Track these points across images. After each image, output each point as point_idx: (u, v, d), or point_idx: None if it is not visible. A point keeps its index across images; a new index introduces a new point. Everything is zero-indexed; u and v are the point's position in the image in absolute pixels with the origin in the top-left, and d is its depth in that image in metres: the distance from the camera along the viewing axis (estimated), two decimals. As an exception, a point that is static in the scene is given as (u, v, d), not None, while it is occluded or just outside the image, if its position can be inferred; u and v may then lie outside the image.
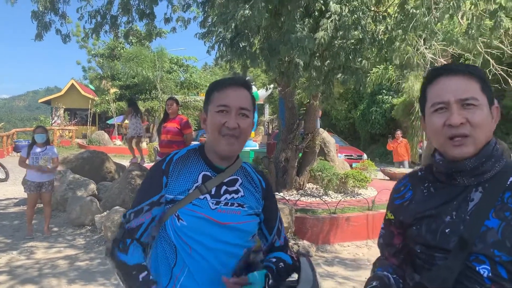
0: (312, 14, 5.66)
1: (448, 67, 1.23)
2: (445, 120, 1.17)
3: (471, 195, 1.18)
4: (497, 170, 1.19)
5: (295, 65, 5.49)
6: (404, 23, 5.22)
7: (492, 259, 1.09)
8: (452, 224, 1.16)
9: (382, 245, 1.45)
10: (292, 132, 7.54)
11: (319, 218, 6.27)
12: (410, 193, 1.32)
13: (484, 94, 1.19)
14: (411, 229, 1.27)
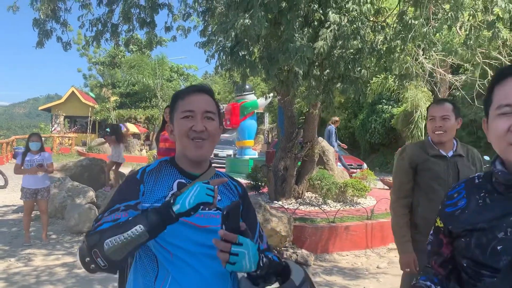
0: (312, 24, 5.70)
1: None
2: (510, 125, 1.06)
3: None
4: None
5: (294, 74, 5.52)
6: (403, 34, 5.26)
7: None
8: (505, 241, 1.07)
9: (429, 253, 1.33)
10: (291, 140, 7.55)
11: (317, 227, 6.26)
12: (464, 201, 1.22)
13: None
14: (459, 240, 1.18)
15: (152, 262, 1.42)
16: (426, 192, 2.73)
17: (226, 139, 20.75)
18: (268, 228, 5.34)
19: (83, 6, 6.38)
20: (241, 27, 4.55)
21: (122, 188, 1.49)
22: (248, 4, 4.77)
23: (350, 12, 5.45)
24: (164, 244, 1.40)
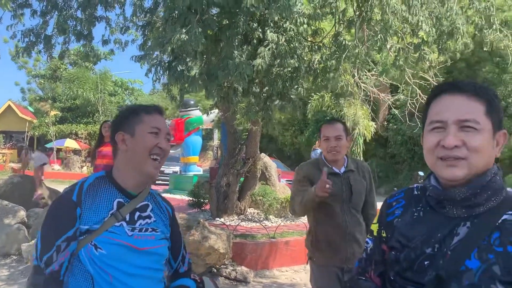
0: (251, 42, 5.79)
1: (453, 84, 1.13)
2: (439, 140, 1.08)
3: (458, 229, 1.07)
4: (491, 205, 1.07)
5: (234, 91, 5.56)
6: (337, 54, 5.47)
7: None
8: (432, 257, 1.08)
9: (366, 261, 1.28)
10: (233, 157, 7.55)
11: (258, 243, 6.26)
12: (400, 210, 1.22)
13: (488, 117, 1.07)
14: (390, 253, 1.18)
15: (87, 281, 1.38)
16: (324, 209, 2.81)
17: (172, 155, 20.41)
18: (206, 245, 5.26)
19: (14, 16, 6.10)
20: (178, 42, 4.53)
21: (56, 216, 1.41)
22: (186, 20, 4.77)
23: (288, 32, 5.61)
24: (104, 266, 1.38)
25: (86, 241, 1.38)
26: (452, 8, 4.70)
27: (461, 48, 4.96)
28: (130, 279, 1.40)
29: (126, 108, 1.61)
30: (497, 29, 4.80)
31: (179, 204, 9.72)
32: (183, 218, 5.51)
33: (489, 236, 1.02)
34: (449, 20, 4.65)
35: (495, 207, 1.06)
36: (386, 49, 5.12)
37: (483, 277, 0.98)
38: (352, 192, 2.83)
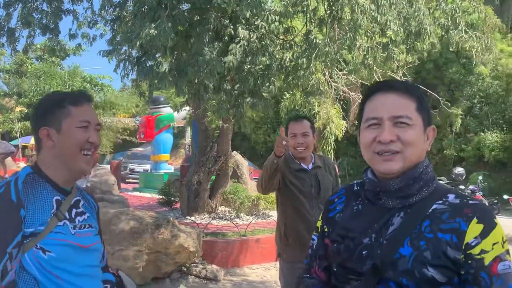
0: (222, 39, 5.75)
1: (386, 84, 1.21)
2: (375, 136, 1.14)
3: (393, 219, 1.14)
4: (423, 195, 1.14)
5: (204, 87, 5.50)
6: (308, 52, 5.49)
7: (400, 286, 1.07)
8: (369, 247, 1.14)
9: (312, 257, 1.34)
10: (205, 154, 7.50)
11: (229, 241, 6.24)
12: (341, 206, 1.28)
13: (419, 113, 1.15)
14: (333, 245, 1.24)
15: (32, 286, 1.30)
16: (293, 205, 2.86)
17: (142, 153, 20.09)
18: (175, 244, 5.19)
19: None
20: (147, 37, 4.44)
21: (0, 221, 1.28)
22: (155, 15, 4.68)
23: (259, 29, 5.60)
24: (53, 270, 1.31)
25: (30, 245, 1.29)
26: (420, 8, 4.80)
27: (428, 48, 5.08)
28: (78, 279, 1.36)
29: (49, 98, 1.48)
30: (462, 30, 4.94)
31: (149, 202, 9.59)
32: (152, 217, 5.42)
33: (420, 225, 1.09)
34: (416, 20, 4.75)
35: (426, 197, 1.13)
36: (356, 48, 5.17)
37: (415, 262, 1.05)
38: (320, 187, 2.88)
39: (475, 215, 1.07)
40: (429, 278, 1.04)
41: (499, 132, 18.01)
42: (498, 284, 1.03)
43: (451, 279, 1.05)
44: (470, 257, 1.04)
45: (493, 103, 18.73)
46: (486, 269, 1.04)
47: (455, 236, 1.06)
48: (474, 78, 18.91)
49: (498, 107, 18.58)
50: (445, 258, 1.05)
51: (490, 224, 1.07)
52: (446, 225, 1.08)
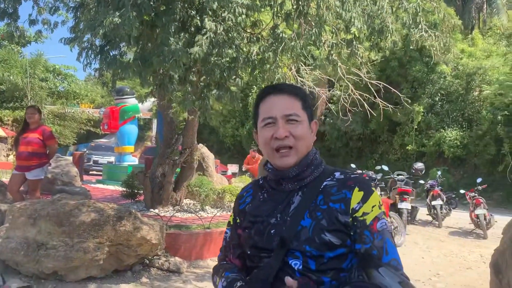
0: (188, 29, 5.69)
1: (276, 87, 1.39)
2: (272, 133, 1.31)
3: (293, 198, 1.32)
4: (315, 175, 1.34)
5: (169, 78, 5.44)
6: (275, 46, 5.52)
7: (304, 254, 1.22)
8: (276, 225, 1.29)
9: (225, 248, 1.49)
10: (170, 146, 7.42)
11: (192, 234, 6.22)
12: (250, 198, 1.45)
13: (304, 111, 1.35)
14: (245, 232, 1.37)
15: None
16: None
17: (106, 144, 19.65)
18: (137, 236, 5.13)
19: None
20: (110, 25, 4.34)
21: None
22: (120, 3, 4.58)
23: (226, 22, 5.57)
24: None
25: None
26: (383, 6, 4.91)
27: (390, 46, 5.21)
28: None
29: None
30: (422, 29, 5.09)
31: (113, 195, 9.42)
32: (113, 209, 5.33)
33: (315, 199, 1.29)
34: (380, 18, 4.85)
35: (318, 177, 1.34)
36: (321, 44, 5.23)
37: (315, 230, 1.23)
38: None
39: (356, 185, 1.29)
40: (327, 242, 1.22)
41: (459, 129, 18.72)
42: (378, 239, 1.23)
43: (344, 241, 1.24)
44: (355, 219, 1.25)
45: (454, 101, 19.44)
46: (368, 227, 1.24)
47: (343, 204, 1.26)
48: (436, 76, 19.55)
49: (458, 105, 19.29)
50: (338, 223, 1.24)
51: (368, 191, 1.29)
52: (336, 196, 1.28)
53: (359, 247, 1.23)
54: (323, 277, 1.22)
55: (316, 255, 1.21)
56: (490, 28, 23.65)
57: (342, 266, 1.24)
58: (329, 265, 1.22)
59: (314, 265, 1.22)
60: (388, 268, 1.16)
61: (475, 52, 20.21)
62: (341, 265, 1.24)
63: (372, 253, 1.21)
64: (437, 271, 6.18)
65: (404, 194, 8.97)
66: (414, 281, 5.58)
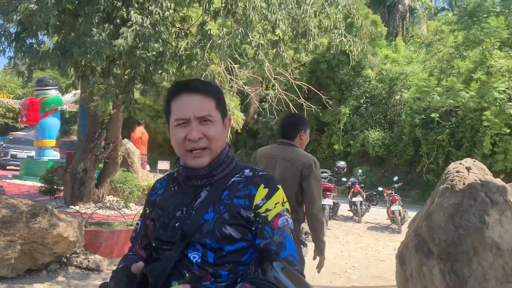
0: (114, 21, 5.54)
1: (189, 85, 1.35)
2: (185, 135, 1.29)
3: (201, 193, 1.33)
4: (225, 173, 1.35)
5: (91, 70, 5.26)
6: (202, 43, 5.54)
7: (204, 246, 1.24)
8: (181, 219, 1.29)
9: (134, 239, 1.46)
10: (93, 141, 7.15)
11: (114, 231, 6.07)
12: (162, 190, 1.43)
13: (218, 109, 1.34)
14: (152, 223, 1.36)
15: None
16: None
17: (26, 138, 18.42)
18: (54, 233, 4.91)
19: None
20: (26, 11, 4.12)
21: None
22: (37, -12, 4.36)
23: (153, 15, 5.49)
24: None
25: None
26: (307, 10, 5.11)
27: (312, 49, 5.44)
28: None
29: None
30: (342, 34, 5.38)
31: (30, 191, 8.90)
32: (28, 205, 5.05)
33: (221, 194, 1.31)
34: (303, 21, 5.05)
35: (228, 174, 1.36)
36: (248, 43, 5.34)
37: (216, 223, 1.25)
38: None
39: (262, 182, 1.32)
40: (227, 236, 1.24)
41: (381, 130, 19.86)
42: (278, 235, 1.27)
43: (245, 236, 1.27)
44: (258, 215, 1.28)
45: (377, 104, 20.59)
46: (269, 223, 1.27)
47: (248, 200, 1.29)
48: (362, 80, 20.60)
49: (381, 107, 20.47)
50: (240, 217, 1.27)
51: (273, 188, 1.33)
52: (242, 192, 1.31)
53: (259, 242, 1.26)
54: (221, 270, 1.24)
55: (216, 248, 1.24)
56: (412, 36, 25.34)
57: (241, 260, 1.27)
58: (228, 259, 1.25)
59: (212, 258, 1.24)
60: (282, 262, 1.20)
61: (397, 58, 21.56)
62: (240, 259, 1.27)
63: (271, 248, 1.24)
64: (353, 263, 6.56)
65: (327, 191, 9.39)
66: (331, 274, 5.89)
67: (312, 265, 6.34)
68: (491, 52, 15.51)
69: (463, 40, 17.58)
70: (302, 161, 3.01)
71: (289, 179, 2.96)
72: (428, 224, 3.96)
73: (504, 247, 3.68)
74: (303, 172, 2.98)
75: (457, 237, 3.73)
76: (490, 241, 3.65)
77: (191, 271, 1.23)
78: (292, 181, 2.98)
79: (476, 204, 3.76)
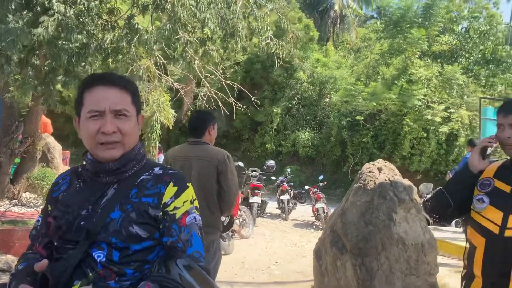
0: (34, 9, 5.24)
1: (106, 77, 1.32)
2: (99, 127, 1.25)
3: (108, 191, 1.30)
4: (135, 170, 1.34)
5: (6, 59, 4.93)
6: (129, 37, 5.41)
7: (110, 245, 1.22)
8: (86, 217, 1.26)
9: (34, 236, 1.41)
10: (9, 134, 6.71)
11: (29, 230, 5.73)
12: (65, 186, 1.38)
13: (134, 105, 1.33)
14: (54, 221, 1.31)
15: None
16: None
17: None
18: (-42, 233, 4.57)
19: None
20: None
21: None
22: None
23: (77, 5, 5.28)
24: None
25: None
26: (236, 11, 5.18)
27: (240, 49, 5.53)
28: None
29: None
30: (268, 37, 5.52)
31: None
32: None
33: (129, 193, 1.30)
34: (232, 22, 5.11)
35: (137, 171, 1.35)
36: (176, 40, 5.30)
37: (123, 222, 1.24)
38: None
39: (171, 180, 1.33)
40: (134, 235, 1.23)
41: (311, 131, 20.55)
42: (185, 232, 1.28)
43: (152, 235, 1.27)
44: (166, 213, 1.29)
45: (308, 106, 21.27)
46: (177, 221, 1.29)
47: (156, 198, 1.29)
48: (294, 82, 21.18)
49: (312, 109, 21.18)
50: (148, 216, 1.26)
51: (182, 186, 1.34)
52: (150, 191, 1.30)
53: (166, 240, 1.27)
54: (126, 269, 1.23)
55: (122, 247, 1.22)
56: (342, 42, 26.46)
57: (147, 258, 1.27)
58: (134, 257, 1.24)
59: (118, 257, 1.22)
60: (187, 259, 1.22)
61: (328, 62, 22.41)
62: (147, 257, 1.27)
63: (177, 245, 1.26)
64: (276, 259, 6.75)
65: (256, 189, 9.58)
66: (255, 270, 6.03)
67: (236, 261, 6.45)
68: (412, 61, 16.64)
69: (388, 48, 18.67)
70: (217, 157, 3.07)
71: (207, 177, 3.01)
72: (342, 221, 4.20)
73: (408, 242, 3.99)
74: (219, 168, 3.05)
75: (368, 233, 3.99)
76: (396, 237, 3.94)
77: (95, 271, 1.21)
78: (210, 179, 3.04)
79: (385, 202, 4.05)
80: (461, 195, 1.93)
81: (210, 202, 3.05)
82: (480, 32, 17.71)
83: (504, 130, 1.82)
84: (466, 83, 15.75)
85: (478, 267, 1.80)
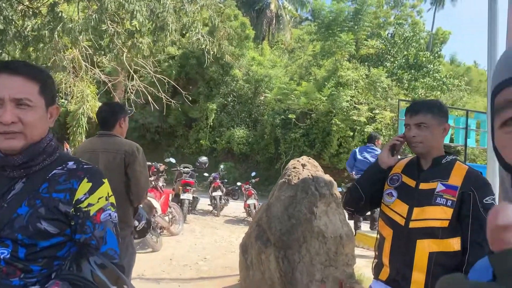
0: None
1: (10, 66, 1.26)
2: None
3: (15, 185, 1.25)
4: (45, 163, 1.29)
5: None
6: (52, 25, 5.16)
7: (16, 242, 1.18)
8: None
9: None
10: None
11: None
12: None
13: (42, 95, 1.26)
14: None
15: None
16: None
17: None
18: None
19: None
20: None
21: None
22: None
23: (-6, -12, 4.95)
24: None
25: None
26: (166, 5, 5.12)
27: (168, 44, 5.47)
28: None
29: None
30: (199, 33, 5.52)
31: None
32: None
33: (39, 187, 1.26)
34: (162, 15, 5.05)
35: (48, 165, 1.31)
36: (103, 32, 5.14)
37: (30, 218, 1.21)
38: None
39: (86, 176, 1.30)
40: (42, 231, 1.21)
41: (246, 129, 20.75)
42: (99, 229, 1.27)
43: (63, 231, 1.25)
44: (79, 210, 1.26)
45: (243, 103, 21.45)
46: (91, 218, 1.27)
47: (68, 194, 1.26)
48: (230, 79, 21.25)
49: (247, 107, 21.38)
50: (58, 212, 1.23)
51: (97, 182, 1.32)
52: (62, 186, 1.27)
53: (79, 237, 1.25)
54: (32, 266, 1.20)
55: (28, 244, 1.19)
56: (277, 41, 26.96)
57: (56, 254, 1.24)
58: (42, 254, 1.22)
59: (24, 253, 1.19)
60: (100, 257, 1.21)
61: (263, 61, 22.74)
62: (56, 254, 1.24)
63: (91, 243, 1.24)
64: (205, 255, 6.77)
65: (187, 185, 9.52)
66: (182, 266, 6.02)
67: (164, 258, 6.39)
68: (341, 64, 17.38)
69: (320, 50, 19.33)
70: (124, 149, 2.97)
71: (114, 170, 2.90)
72: (267, 215, 4.33)
73: (328, 235, 4.20)
74: (127, 161, 2.95)
75: (290, 226, 4.15)
76: (317, 230, 4.14)
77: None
78: (117, 172, 2.94)
79: (307, 196, 4.23)
80: (371, 189, 2.07)
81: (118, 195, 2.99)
82: (404, 38, 18.91)
83: (410, 129, 1.97)
84: (390, 86, 16.75)
85: (386, 256, 1.95)
